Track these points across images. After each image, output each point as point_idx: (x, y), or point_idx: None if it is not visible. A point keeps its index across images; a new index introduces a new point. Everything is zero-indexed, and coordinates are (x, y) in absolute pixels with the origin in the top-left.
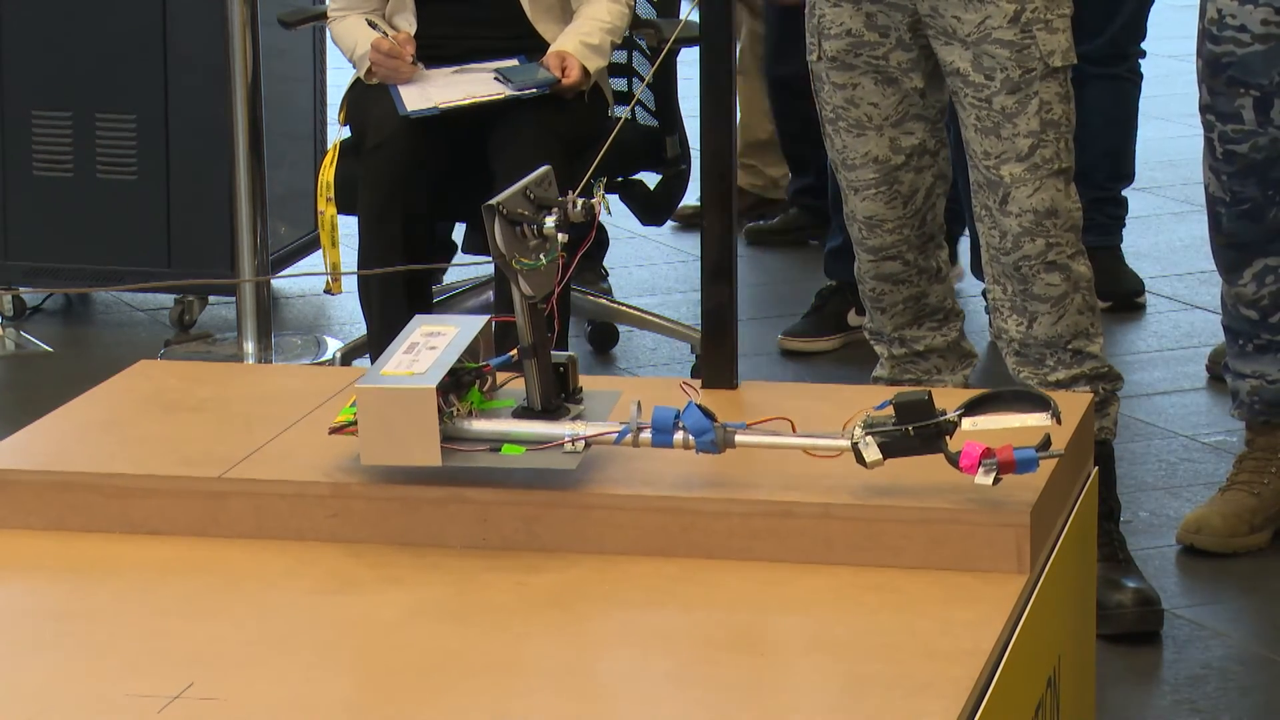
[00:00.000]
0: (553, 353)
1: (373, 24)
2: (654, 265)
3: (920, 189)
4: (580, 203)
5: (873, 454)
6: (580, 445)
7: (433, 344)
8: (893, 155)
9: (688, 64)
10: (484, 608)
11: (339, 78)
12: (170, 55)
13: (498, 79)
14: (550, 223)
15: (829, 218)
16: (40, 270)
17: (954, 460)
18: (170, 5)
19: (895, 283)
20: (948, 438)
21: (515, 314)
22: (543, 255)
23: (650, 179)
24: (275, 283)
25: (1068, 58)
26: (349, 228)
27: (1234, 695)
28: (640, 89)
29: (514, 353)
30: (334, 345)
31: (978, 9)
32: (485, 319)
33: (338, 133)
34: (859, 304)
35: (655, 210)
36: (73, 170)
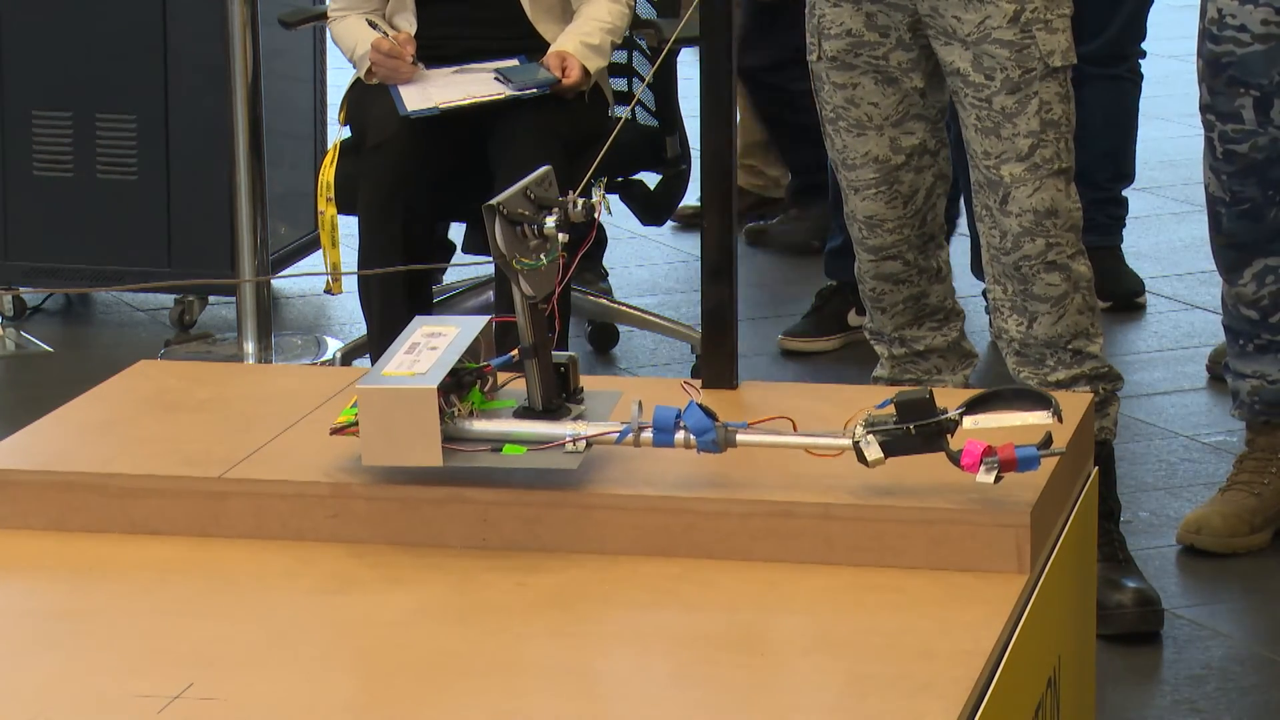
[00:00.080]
0: (553, 353)
1: (373, 24)
2: (654, 265)
3: (921, 189)
4: (581, 203)
5: (874, 452)
6: (581, 445)
7: (434, 344)
8: (893, 155)
9: (687, 64)
10: (485, 608)
11: (339, 78)
12: (170, 55)
13: (498, 79)
14: (551, 223)
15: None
16: (40, 270)
17: (955, 458)
18: (170, 5)
19: (895, 282)
20: (949, 436)
21: (516, 314)
22: (543, 255)
23: (650, 179)
24: (275, 283)
25: (1068, 58)
26: (349, 228)
27: (1234, 695)
28: (640, 89)
29: (515, 353)
30: (334, 345)
31: (978, 9)
32: (486, 319)
33: (338, 133)
34: (859, 304)
35: (655, 210)
36: (73, 170)
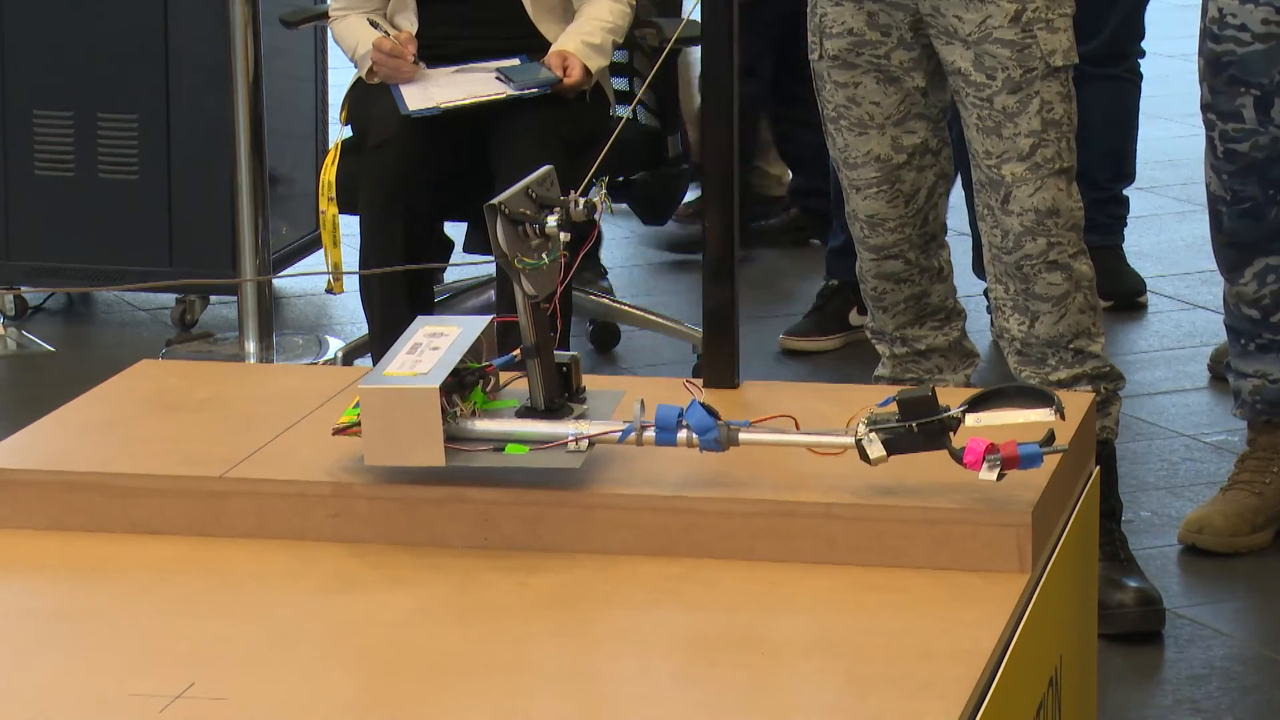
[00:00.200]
0: (555, 352)
1: (374, 23)
2: (655, 265)
3: (922, 188)
4: (582, 202)
5: (877, 450)
6: (584, 444)
7: (435, 344)
8: (894, 154)
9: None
10: (486, 608)
11: (340, 77)
12: (172, 55)
13: (499, 78)
14: (552, 222)
15: (829, 218)
16: (42, 269)
17: (958, 456)
18: (171, 5)
19: (897, 282)
20: (951, 434)
21: (518, 313)
22: (545, 255)
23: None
24: (277, 282)
25: (1069, 57)
26: (350, 227)
27: (1236, 695)
28: (643, 89)
29: (517, 352)
30: (335, 345)
31: (979, 8)
32: (488, 319)
33: (339, 132)
34: (861, 303)
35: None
36: (74, 170)
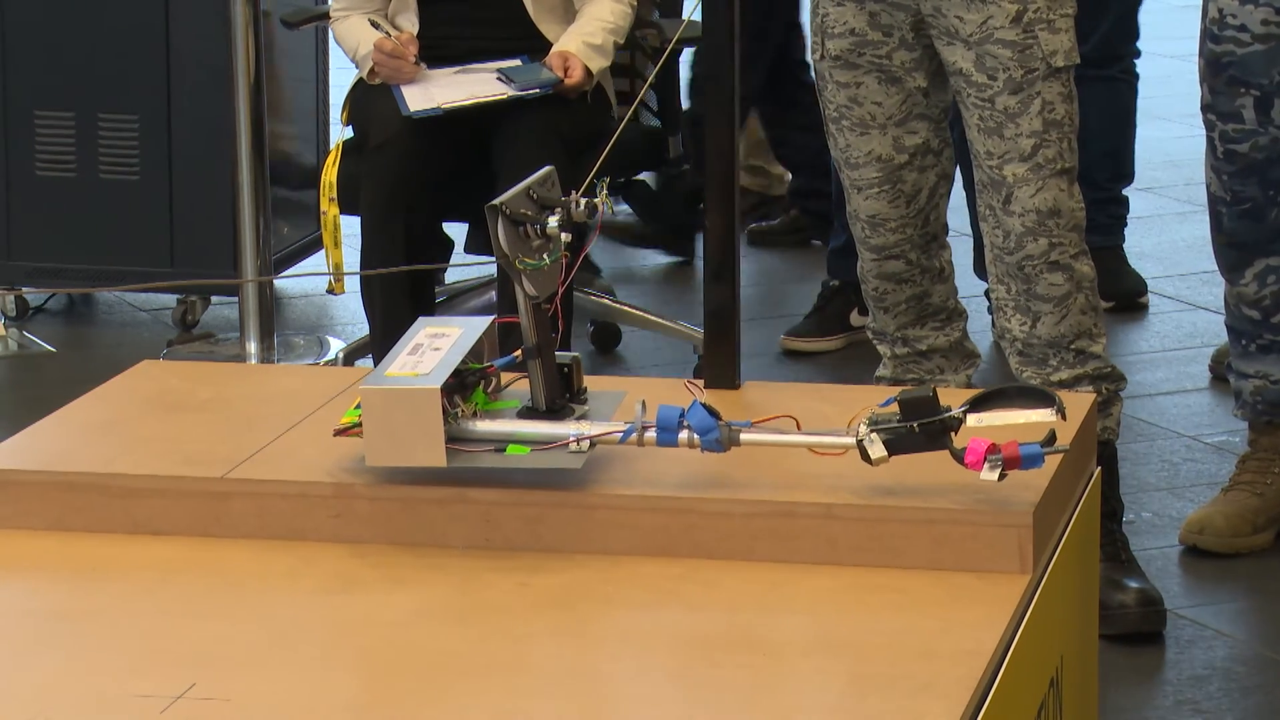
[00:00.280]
0: (557, 353)
1: (375, 24)
2: (656, 265)
3: (924, 188)
4: (583, 202)
5: (878, 450)
6: (585, 445)
7: (437, 345)
8: (896, 154)
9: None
10: (487, 608)
11: (341, 78)
12: (173, 55)
13: (500, 79)
14: (553, 223)
15: (829, 218)
16: (43, 270)
17: (959, 456)
18: (173, 5)
19: (898, 282)
20: (953, 434)
21: (519, 314)
22: (546, 255)
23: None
24: (278, 283)
25: (1070, 58)
26: (352, 228)
27: (1237, 695)
28: (644, 90)
29: (518, 353)
30: (337, 345)
31: (980, 9)
32: (489, 320)
33: (340, 133)
34: (862, 304)
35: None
36: (75, 170)
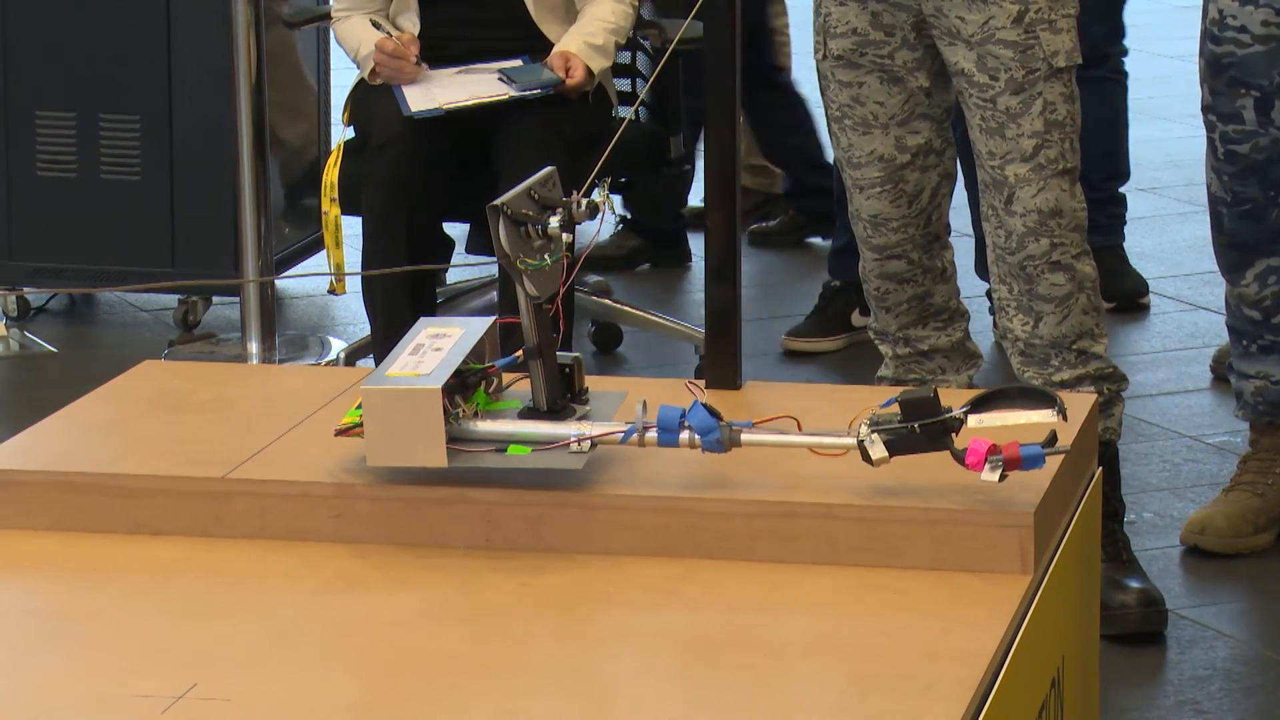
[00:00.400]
0: (558, 353)
1: (376, 24)
2: (657, 266)
3: (926, 188)
4: (585, 203)
5: (879, 451)
6: (586, 445)
7: (438, 345)
8: (898, 154)
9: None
10: (488, 608)
11: (343, 78)
12: (174, 55)
13: (502, 79)
14: (554, 223)
15: (826, 215)
16: (44, 270)
17: (960, 457)
18: (174, 5)
19: (900, 282)
20: (954, 435)
21: (520, 315)
22: (547, 255)
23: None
24: (279, 283)
25: (1072, 58)
26: (353, 228)
27: (1238, 696)
28: (644, 90)
29: (519, 353)
30: (338, 346)
31: (981, 9)
32: (490, 320)
33: (342, 133)
34: (863, 304)
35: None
36: (76, 171)
